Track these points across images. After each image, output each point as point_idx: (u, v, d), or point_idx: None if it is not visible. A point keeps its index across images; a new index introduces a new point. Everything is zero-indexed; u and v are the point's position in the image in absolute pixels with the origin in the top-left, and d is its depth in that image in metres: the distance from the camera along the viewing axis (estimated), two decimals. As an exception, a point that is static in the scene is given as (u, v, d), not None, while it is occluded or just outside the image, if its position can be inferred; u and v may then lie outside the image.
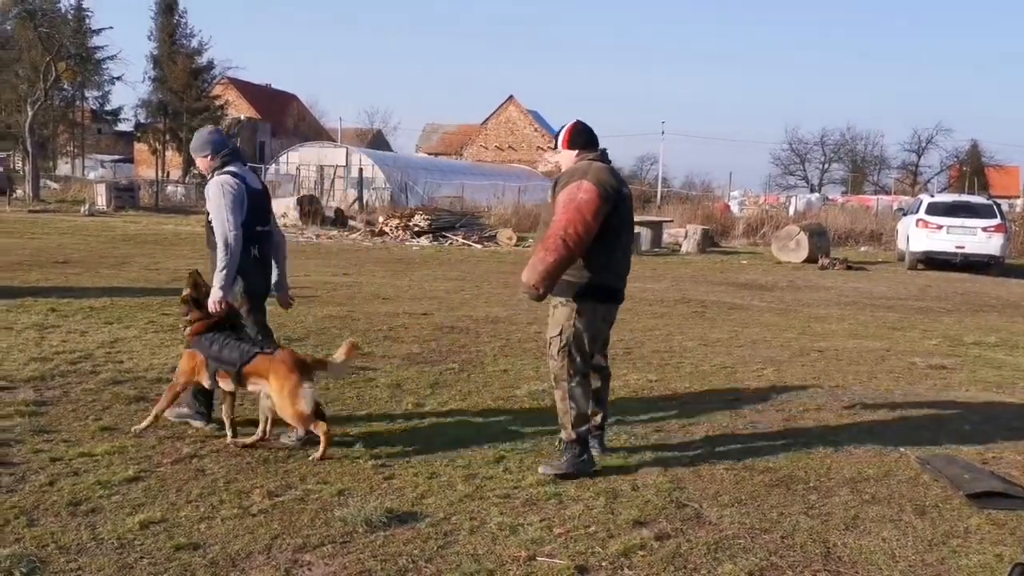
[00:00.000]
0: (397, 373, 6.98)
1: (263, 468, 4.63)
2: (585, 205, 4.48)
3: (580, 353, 4.70)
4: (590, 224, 4.47)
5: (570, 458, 4.69)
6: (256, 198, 5.39)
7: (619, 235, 4.73)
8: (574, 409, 4.69)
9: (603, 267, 4.68)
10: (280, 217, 25.91)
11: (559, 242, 4.45)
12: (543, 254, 4.47)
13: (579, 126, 4.90)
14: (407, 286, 12.82)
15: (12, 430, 5.08)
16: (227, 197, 5.21)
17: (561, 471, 4.62)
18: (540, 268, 4.46)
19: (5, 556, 3.40)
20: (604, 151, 4.86)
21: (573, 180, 4.59)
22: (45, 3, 44.45)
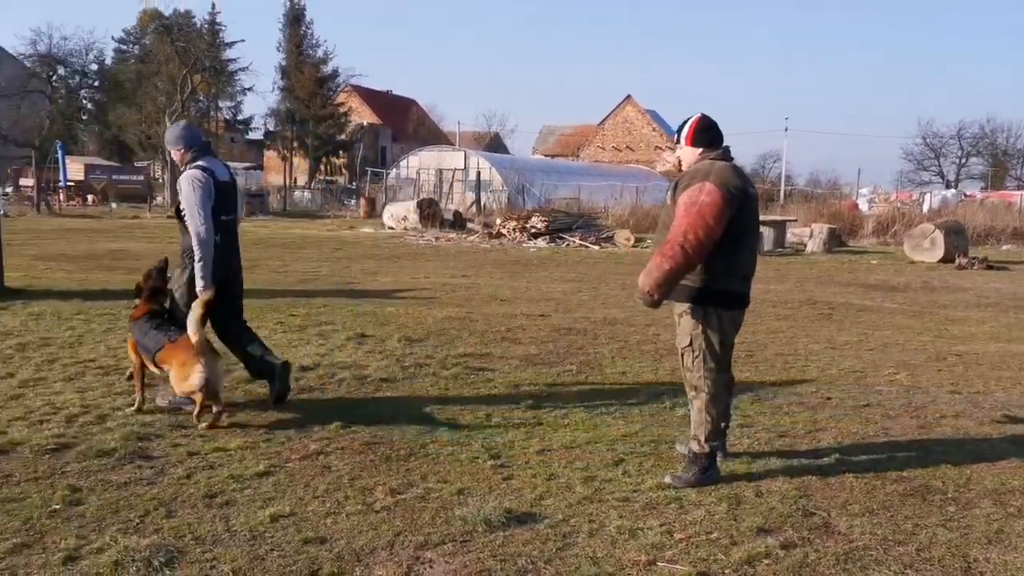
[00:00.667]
0: (515, 374, 7.01)
1: (385, 466, 4.72)
2: (707, 209, 4.29)
3: (715, 360, 4.54)
4: (712, 229, 4.30)
5: (697, 471, 4.55)
6: (223, 189, 5.74)
7: (744, 238, 4.51)
8: (709, 422, 4.54)
9: (728, 272, 4.48)
10: (400, 220, 26.53)
11: (677, 248, 4.30)
12: (660, 260, 4.35)
13: (704, 122, 4.67)
14: (524, 288, 12.88)
15: (152, 424, 5.35)
16: (197, 192, 5.58)
17: (687, 484, 4.49)
18: (656, 275, 4.35)
19: (145, 546, 3.58)
20: (727, 149, 4.65)
21: (695, 181, 4.41)
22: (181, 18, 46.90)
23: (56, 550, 3.57)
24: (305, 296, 11.17)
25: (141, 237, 21.47)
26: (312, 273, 14.19)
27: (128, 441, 4.97)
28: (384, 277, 13.86)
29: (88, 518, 3.91)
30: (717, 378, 4.56)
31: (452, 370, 7.04)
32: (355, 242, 21.77)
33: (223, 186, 5.76)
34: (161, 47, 47.72)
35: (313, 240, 21.95)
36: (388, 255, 18.21)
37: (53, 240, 19.55)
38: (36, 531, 3.76)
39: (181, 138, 5.81)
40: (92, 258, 15.83)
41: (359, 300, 10.91)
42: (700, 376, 4.56)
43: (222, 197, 5.73)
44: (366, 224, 28.99)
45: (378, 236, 24.18)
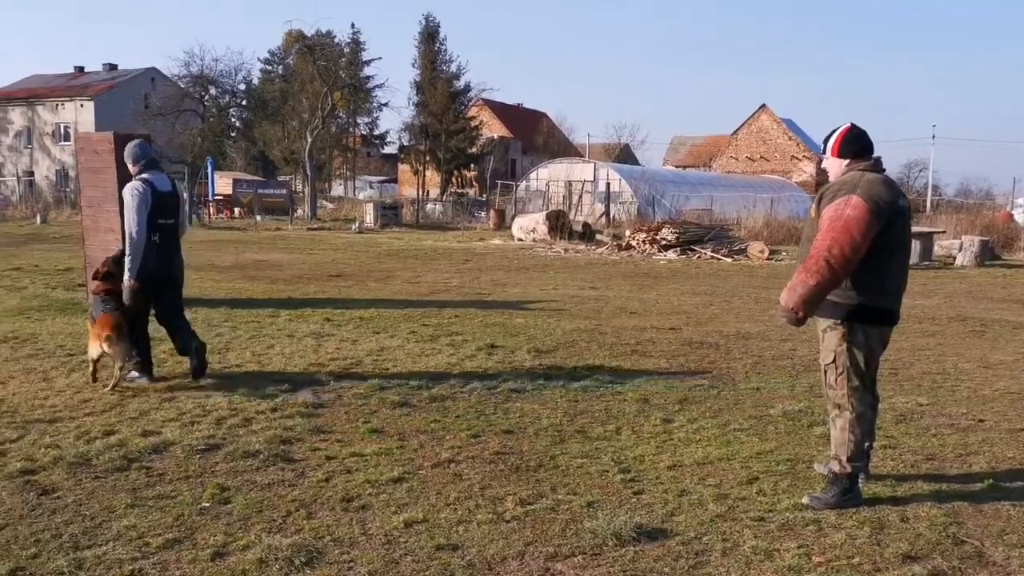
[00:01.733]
0: (645, 387, 6.93)
1: (515, 476, 4.75)
2: (853, 223, 4.12)
3: (860, 378, 4.36)
4: (858, 244, 4.12)
5: (837, 492, 4.37)
6: (161, 198, 6.72)
7: (893, 252, 4.30)
8: (852, 442, 4.36)
9: (876, 288, 4.29)
10: (529, 232, 26.71)
11: (822, 264, 4.14)
12: (804, 276, 4.19)
13: (853, 132, 4.45)
14: (654, 300, 12.73)
15: (293, 429, 5.56)
16: (135, 200, 6.58)
17: (826, 505, 4.32)
18: (800, 291, 4.20)
19: (287, 545, 3.72)
20: (878, 159, 4.42)
21: (841, 194, 4.23)
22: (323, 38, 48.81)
23: (205, 546, 3.75)
24: (437, 306, 11.39)
25: (283, 248, 22.41)
26: (443, 284, 14.46)
27: (271, 444, 5.19)
28: (513, 288, 13.98)
29: (235, 516, 4.10)
30: (861, 397, 4.37)
31: (582, 382, 7.03)
32: (485, 253, 22.06)
33: (162, 195, 6.73)
34: (304, 66, 49.78)
35: (444, 252, 22.37)
36: (517, 266, 18.37)
37: (203, 251, 20.62)
38: (187, 527, 3.97)
39: (131, 155, 6.91)
40: (238, 268, 16.62)
41: (489, 311, 11.04)
42: (843, 394, 4.38)
43: (161, 204, 6.71)
44: (495, 236, 29.32)
45: (507, 248, 24.42)
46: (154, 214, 6.64)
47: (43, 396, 6.31)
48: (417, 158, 59.08)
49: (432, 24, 59.92)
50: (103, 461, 4.83)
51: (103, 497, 4.32)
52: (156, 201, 6.65)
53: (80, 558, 3.61)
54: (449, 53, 61.05)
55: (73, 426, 5.53)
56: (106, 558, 3.62)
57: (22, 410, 5.91)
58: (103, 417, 5.76)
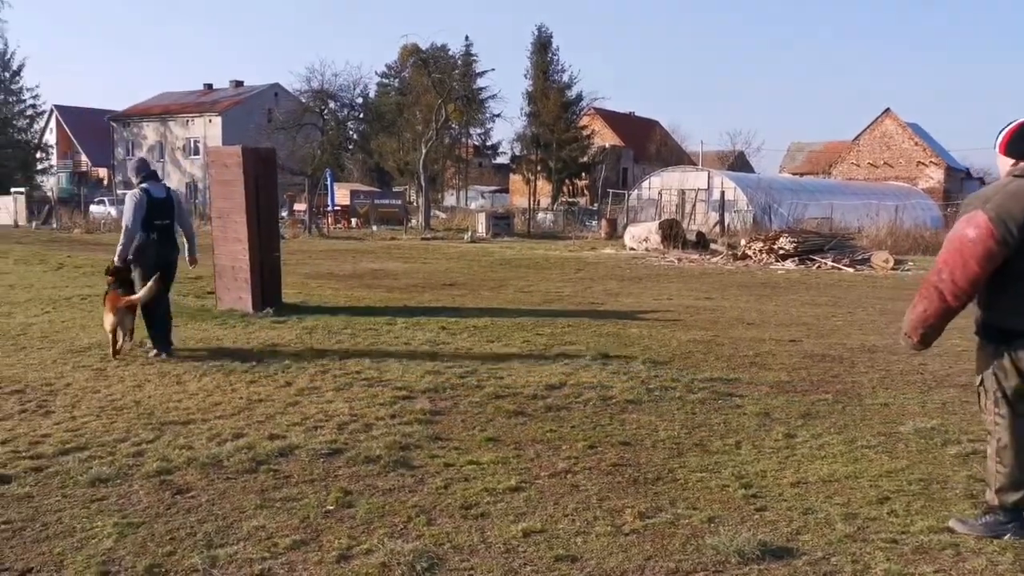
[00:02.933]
0: (765, 401, 6.76)
1: (633, 489, 4.70)
2: (968, 247, 3.76)
3: (1008, 405, 3.97)
4: (972, 272, 3.77)
5: (990, 523, 4.05)
6: (155, 203, 8.35)
7: None
8: (1002, 473, 4.02)
9: (1018, 309, 3.87)
10: (642, 241, 26.48)
11: (931, 289, 3.87)
12: (917, 299, 3.95)
13: (1021, 130, 3.98)
14: (772, 311, 12.41)
15: (412, 436, 5.65)
16: (132, 203, 8.30)
17: (972, 532, 4.05)
18: (911, 316, 3.97)
19: (409, 551, 3.77)
20: None
21: (970, 208, 3.86)
22: (438, 51, 49.70)
23: (330, 548, 3.85)
24: (549, 316, 11.40)
25: (398, 257, 22.89)
26: (556, 293, 14.47)
27: (392, 450, 5.29)
28: (626, 298, 13.86)
29: (358, 520, 4.19)
30: (1011, 424, 3.99)
31: (699, 394, 6.90)
32: (596, 263, 21.98)
33: (157, 201, 8.37)
34: (419, 79, 50.84)
35: (556, 261, 22.40)
36: (630, 276, 18.22)
37: (322, 260, 21.28)
38: (313, 529, 4.08)
39: (133, 169, 8.76)
40: (356, 277, 17.06)
41: (602, 321, 10.98)
42: (992, 420, 4.05)
43: (156, 208, 8.34)
44: (607, 245, 29.18)
45: (619, 257, 24.27)
46: (150, 215, 8.29)
47: (176, 399, 6.61)
48: (528, 168, 59.40)
49: (544, 34, 60.23)
50: (233, 463, 5.01)
51: (234, 497, 4.48)
52: (151, 205, 8.31)
53: (213, 556, 3.76)
54: (561, 63, 61.09)
55: (205, 428, 5.77)
56: (237, 557, 3.76)
57: (157, 412, 6.21)
58: (232, 420, 5.99)
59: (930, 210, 43.07)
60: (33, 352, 8.50)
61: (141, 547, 3.86)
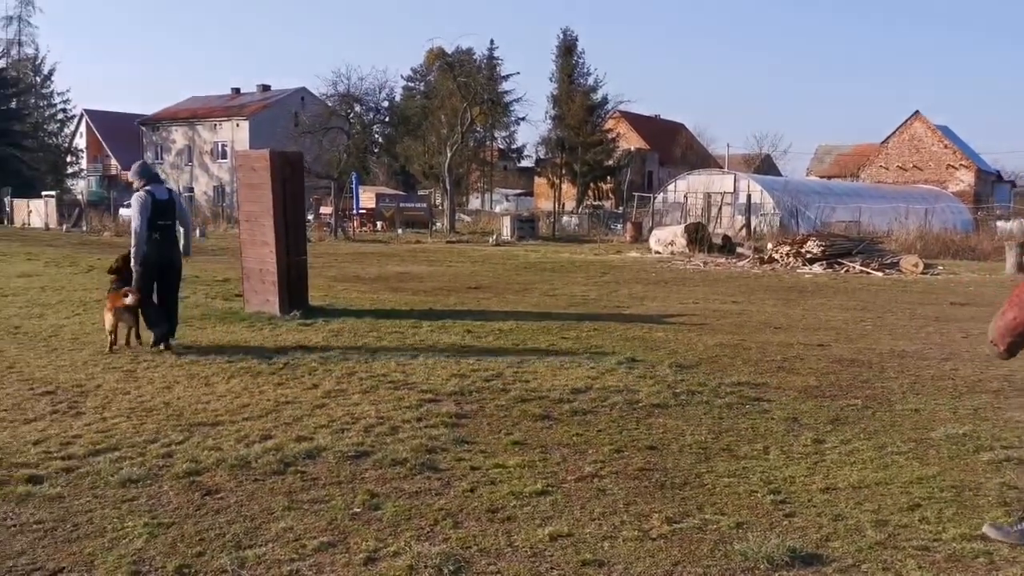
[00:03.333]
0: (793, 406, 6.70)
1: (660, 493, 4.67)
2: None
3: None
4: None
5: None
6: (159, 204, 8.73)
7: None
8: None
9: None
10: (667, 245, 26.38)
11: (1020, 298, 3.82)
12: (1005, 307, 3.90)
13: None
14: (800, 315, 12.31)
15: (438, 439, 5.66)
16: (138, 205, 8.65)
17: (1007, 538, 4.01)
18: (998, 324, 3.91)
19: (436, 554, 3.78)
20: None
21: None
22: (463, 55, 49.81)
23: (358, 551, 3.86)
24: (575, 319, 11.37)
25: (423, 260, 22.96)
26: (581, 296, 14.44)
27: (418, 453, 5.30)
28: (652, 302, 13.81)
29: (385, 523, 4.20)
30: None
31: (726, 399, 6.86)
32: (622, 266, 21.92)
33: (159, 202, 8.74)
34: (444, 83, 51.01)
35: (581, 264, 22.36)
36: (655, 279, 18.15)
37: (348, 263, 21.38)
38: (340, 531, 4.09)
39: (136, 173, 9.01)
40: (381, 280, 17.13)
41: (628, 324, 10.95)
42: None
43: (159, 209, 8.71)
44: (632, 249, 29.10)
45: (645, 260, 24.19)
46: (154, 217, 8.66)
47: (205, 400, 6.66)
48: (553, 171, 59.38)
49: (570, 38, 60.16)
50: (261, 464, 5.05)
51: (262, 499, 4.51)
52: (155, 207, 8.68)
53: (242, 557, 3.78)
54: (586, 66, 60.97)
55: (233, 430, 5.81)
56: (266, 558, 3.78)
57: (187, 413, 6.26)
58: (260, 422, 6.03)
59: (960, 213, 42.59)
60: (64, 354, 8.60)
61: (171, 547, 3.89)
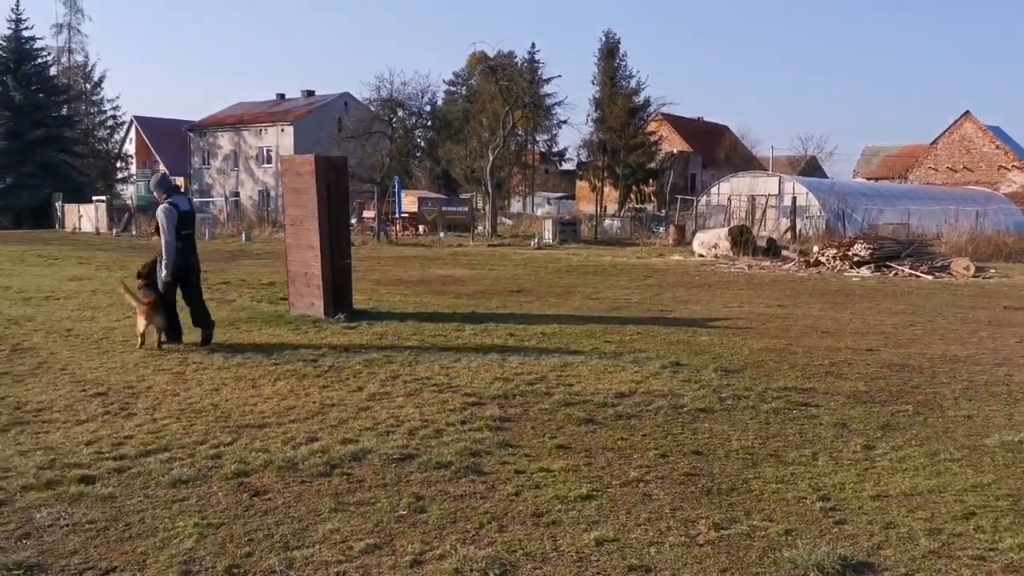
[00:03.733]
0: (842, 411, 6.60)
1: (707, 499, 4.63)
2: None
3: None
4: None
5: None
6: (183, 216, 9.32)
7: None
8: None
9: None
10: (711, 248, 26.16)
11: None
12: None
13: None
14: (848, 319, 12.12)
15: (482, 442, 5.66)
16: (166, 218, 9.17)
17: None
18: None
19: (481, 557, 3.78)
20: None
21: None
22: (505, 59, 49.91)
23: (404, 553, 3.87)
24: (618, 323, 11.32)
25: (465, 264, 23.01)
26: (624, 300, 14.37)
27: (463, 456, 5.30)
28: (696, 305, 13.70)
29: (431, 525, 4.21)
30: None
31: (772, 404, 6.78)
32: (664, 269, 21.78)
33: (183, 214, 9.35)
34: (486, 86, 51.14)
35: (623, 267, 22.26)
36: (699, 283, 18.00)
37: (391, 267, 21.50)
38: (386, 534, 4.11)
39: (158, 186, 9.62)
40: (424, 283, 17.20)
41: (671, 328, 10.87)
42: None
43: (183, 220, 9.31)
44: (675, 252, 28.89)
45: (688, 264, 24.01)
46: (180, 227, 9.23)
47: (252, 402, 6.74)
48: (595, 174, 59.22)
49: (612, 40, 60.00)
50: (308, 466, 5.09)
51: (309, 500, 4.55)
52: (180, 217, 9.26)
53: (290, 558, 3.81)
54: (629, 69, 60.74)
55: (280, 432, 5.87)
56: (314, 559, 3.81)
57: (234, 415, 6.34)
58: (306, 424, 6.08)
59: (1013, 215, 41.65)
60: (115, 356, 8.76)
61: (220, 548, 3.94)
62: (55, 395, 6.99)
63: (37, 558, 3.83)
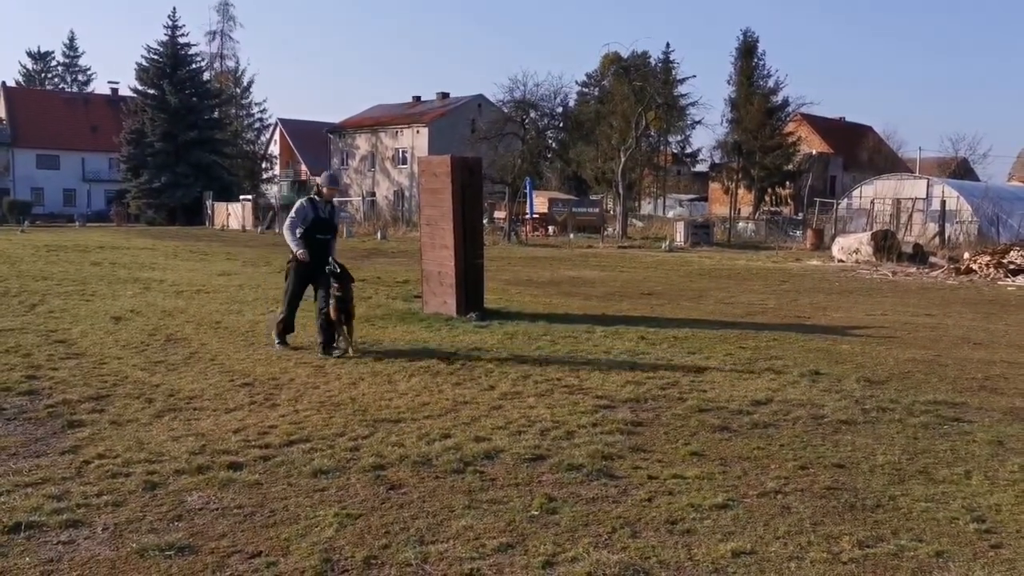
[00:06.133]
0: (998, 428, 6.21)
1: (850, 515, 4.44)
2: None
3: None
4: None
5: None
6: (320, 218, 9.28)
7: None
8: None
9: None
10: (851, 252, 25.17)
11: None
12: None
13: None
14: (1003, 331, 11.41)
15: (614, 445, 5.61)
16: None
17: None
18: None
19: (615, 562, 3.74)
20: None
21: None
22: (638, 59, 49.48)
23: (536, 554, 3.88)
24: (753, 328, 11.02)
25: (595, 265, 22.92)
26: (759, 305, 13.99)
27: (594, 459, 5.27)
28: (835, 312, 13.19)
29: (562, 527, 4.20)
30: None
31: (920, 418, 6.44)
32: (802, 274, 21.08)
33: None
34: (619, 87, 50.81)
35: (758, 271, 21.68)
36: (839, 289, 17.33)
37: (521, 267, 21.65)
38: (518, 533, 4.13)
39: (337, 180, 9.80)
40: (554, 284, 17.23)
41: (810, 335, 10.50)
42: None
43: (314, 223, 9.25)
44: (812, 256, 27.92)
45: (826, 269, 23.16)
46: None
47: (388, 397, 6.91)
48: (729, 176, 57.93)
49: (750, 39, 58.52)
50: (442, 462, 5.17)
51: (443, 496, 4.62)
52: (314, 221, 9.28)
53: (425, 552, 3.88)
54: (767, 68, 59.13)
55: (415, 427, 5.99)
56: (448, 555, 3.86)
57: (371, 410, 6.51)
58: (440, 421, 6.19)
59: None
60: (260, 348, 9.16)
61: (359, 538, 4.05)
62: (205, 384, 7.36)
63: (188, 540, 4.03)
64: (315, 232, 9.15)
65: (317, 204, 9.26)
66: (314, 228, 9.15)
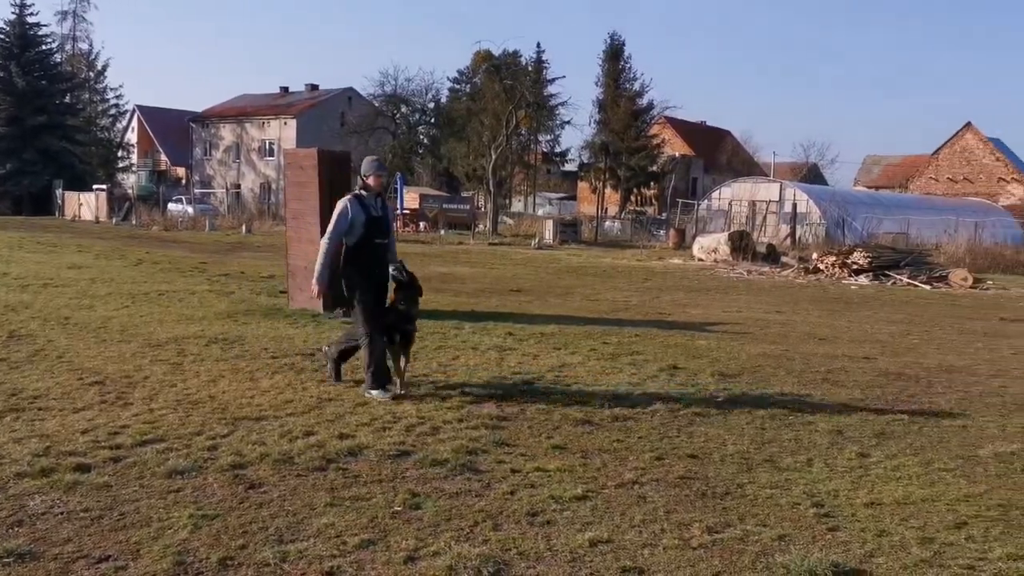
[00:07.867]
0: (837, 419, 6.61)
1: (701, 503, 4.64)
2: None
3: None
4: None
5: None
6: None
7: None
8: None
9: None
10: (711, 252, 26.18)
11: None
12: None
13: None
14: (845, 327, 12.14)
15: (479, 440, 5.67)
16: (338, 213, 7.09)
17: None
18: None
19: (475, 555, 3.79)
20: None
21: None
22: (509, 58, 49.88)
23: (398, 549, 3.88)
24: (617, 325, 11.33)
25: (466, 262, 23.01)
26: (623, 302, 14.39)
27: (458, 454, 5.31)
28: (694, 309, 13.72)
29: (425, 522, 4.22)
30: None
31: (769, 409, 6.78)
32: (664, 273, 21.80)
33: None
34: (490, 85, 51.07)
35: (623, 270, 22.28)
36: (698, 287, 18.03)
37: (391, 262, 21.47)
38: (381, 529, 4.12)
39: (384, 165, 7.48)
40: (424, 280, 17.06)
41: (670, 331, 10.88)
42: None
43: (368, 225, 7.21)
44: (675, 255, 28.90)
45: (687, 268, 24.04)
46: None
47: (249, 395, 6.74)
48: (597, 175, 59.11)
49: (617, 42, 59.85)
50: (304, 460, 5.10)
51: (304, 494, 4.55)
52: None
53: (284, 551, 3.82)
54: (633, 71, 60.67)
55: (277, 425, 5.88)
56: (308, 553, 3.81)
57: (231, 408, 6.34)
58: (303, 418, 6.09)
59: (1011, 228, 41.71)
60: (112, 345, 8.76)
61: (215, 539, 3.94)
62: (52, 383, 6.99)
63: (29, 545, 3.82)
64: (372, 236, 7.07)
65: (365, 200, 7.09)
66: (369, 232, 7.03)
